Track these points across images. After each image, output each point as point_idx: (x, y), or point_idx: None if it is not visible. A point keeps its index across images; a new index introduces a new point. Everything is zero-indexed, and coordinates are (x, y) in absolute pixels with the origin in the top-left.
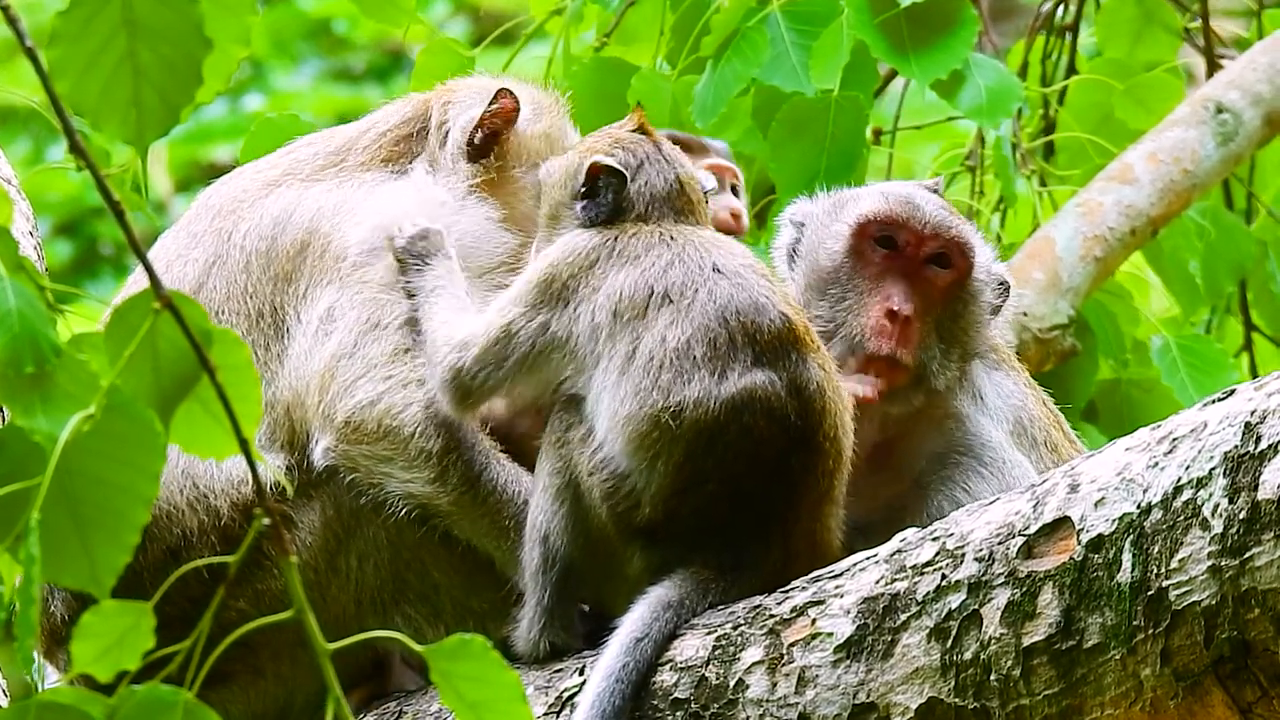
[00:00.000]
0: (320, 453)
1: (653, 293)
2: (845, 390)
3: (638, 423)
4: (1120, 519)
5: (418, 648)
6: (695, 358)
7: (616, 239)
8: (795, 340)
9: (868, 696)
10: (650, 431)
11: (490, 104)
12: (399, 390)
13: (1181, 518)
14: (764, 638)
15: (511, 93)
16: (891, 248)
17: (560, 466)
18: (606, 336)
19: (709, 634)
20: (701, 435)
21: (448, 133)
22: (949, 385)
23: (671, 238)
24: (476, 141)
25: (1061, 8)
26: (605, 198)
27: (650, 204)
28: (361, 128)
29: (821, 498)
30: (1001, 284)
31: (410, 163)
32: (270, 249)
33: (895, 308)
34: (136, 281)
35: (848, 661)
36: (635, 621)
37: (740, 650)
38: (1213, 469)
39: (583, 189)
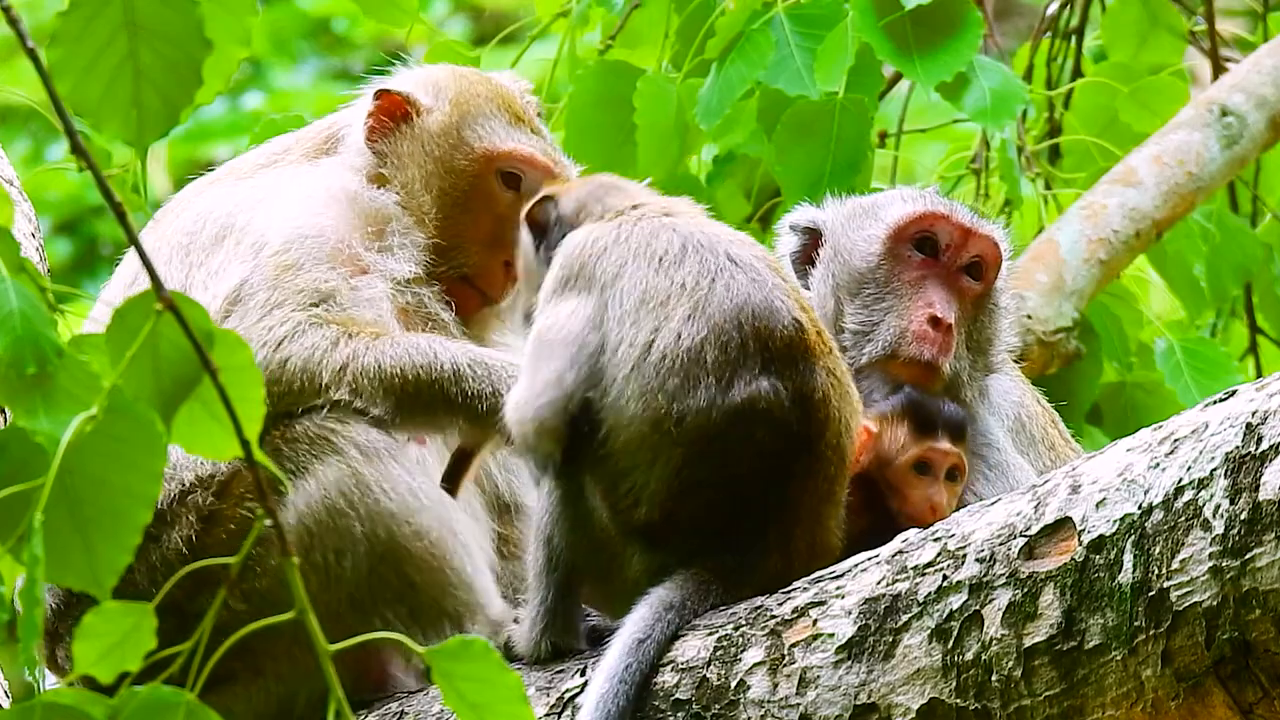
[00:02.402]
0: None
1: (673, 283)
2: (853, 393)
3: (639, 423)
4: (1121, 520)
5: (419, 649)
6: (706, 362)
7: (620, 226)
8: (805, 349)
9: (869, 697)
10: (651, 434)
11: (369, 108)
12: (294, 344)
13: (1183, 518)
14: (765, 638)
15: (391, 92)
16: (928, 253)
17: (564, 468)
18: (631, 324)
19: (710, 635)
20: (701, 441)
21: (349, 135)
22: (974, 396)
23: (675, 226)
24: (367, 143)
25: (1066, 10)
26: (551, 218)
27: (588, 204)
28: (302, 132)
29: (822, 500)
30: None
31: (326, 158)
32: (190, 243)
33: (939, 314)
34: (120, 274)
35: (849, 662)
36: (637, 622)
37: (741, 651)
38: (1214, 470)
39: (535, 241)
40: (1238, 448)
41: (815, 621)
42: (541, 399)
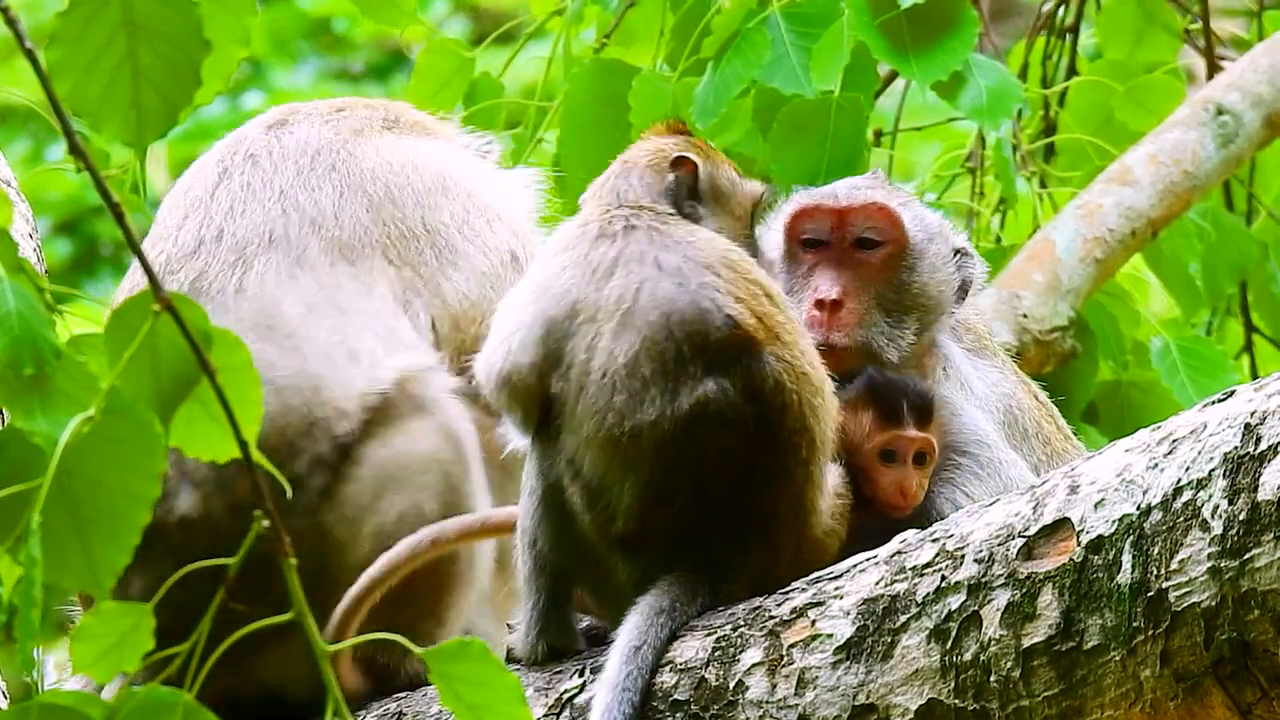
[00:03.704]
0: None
1: (601, 294)
2: (813, 369)
3: (599, 444)
4: (1120, 520)
5: (417, 650)
6: (645, 375)
7: (584, 226)
8: (745, 342)
9: (867, 698)
10: (613, 453)
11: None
12: None
13: (1181, 519)
14: (764, 639)
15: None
16: (816, 245)
17: (544, 470)
18: (567, 335)
19: (709, 635)
20: (661, 452)
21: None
22: (904, 356)
23: (631, 226)
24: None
25: (1062, 9)
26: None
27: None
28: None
29: (800, 487)
30: (958, 251)
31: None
32: (407, 182)
33: (821, 296)
34: (136, 281)
35: (847, 663)
36: (631, 630)
37: (740, 652)
38: (1212, 470)
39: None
40: (1236, 448)
41: (814, 622)
42: (495, 355)
